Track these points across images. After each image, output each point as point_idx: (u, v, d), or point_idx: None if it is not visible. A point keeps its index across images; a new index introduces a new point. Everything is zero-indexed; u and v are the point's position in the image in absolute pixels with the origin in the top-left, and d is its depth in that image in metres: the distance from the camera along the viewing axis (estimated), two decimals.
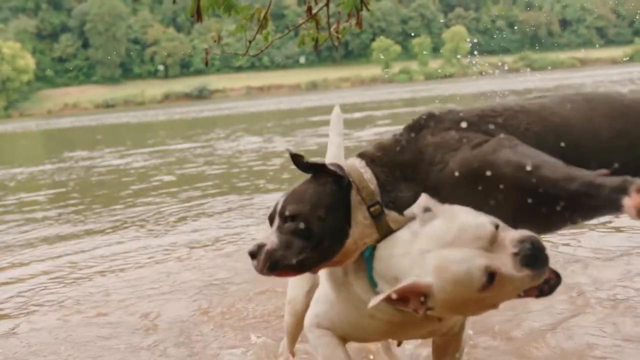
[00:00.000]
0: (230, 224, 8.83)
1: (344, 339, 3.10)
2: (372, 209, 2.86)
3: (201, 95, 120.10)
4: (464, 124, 2.92)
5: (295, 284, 3.61)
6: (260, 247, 2.82)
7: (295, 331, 3.71)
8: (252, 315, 5.14)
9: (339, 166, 2.88)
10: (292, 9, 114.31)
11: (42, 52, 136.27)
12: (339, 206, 2.86)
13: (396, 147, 2.94)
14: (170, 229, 8.86)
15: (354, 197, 2.87)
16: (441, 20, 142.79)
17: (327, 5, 6.56)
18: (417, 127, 2.97)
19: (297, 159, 2.86)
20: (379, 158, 2.94)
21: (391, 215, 2.87)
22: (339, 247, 2.86)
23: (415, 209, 2.69)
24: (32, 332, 5.20)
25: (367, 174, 2.90)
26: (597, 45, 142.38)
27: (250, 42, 6.25)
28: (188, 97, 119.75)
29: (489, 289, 2.47)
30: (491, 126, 2.89)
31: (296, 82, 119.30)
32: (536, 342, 4.11)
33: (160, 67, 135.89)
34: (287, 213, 2.85)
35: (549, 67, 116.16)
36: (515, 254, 2.48)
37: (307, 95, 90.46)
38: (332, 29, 6.60)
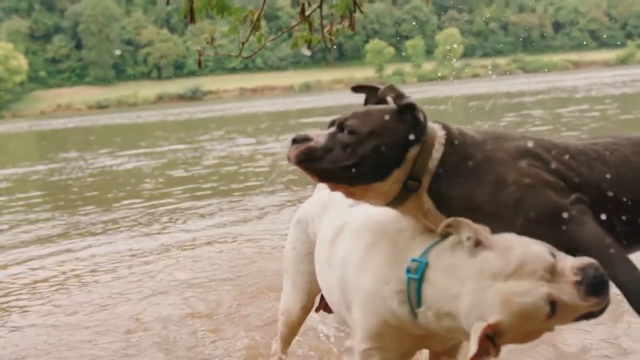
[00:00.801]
0: (222, 225, 8.87)
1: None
2: (409, 182, 2.77)
3: (194, 96, 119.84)
4: (539, 157, 2.79)
5: (290, 295, 3.56)
6: (306, 139, 2.76)
7: (289, 339, 3.71)
8: (242, 315, 5.14)
9: (426, 122, 2.81)
10: (286, 11, 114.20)
11: (35, 52, 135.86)
12: (396, 151, 2.75)
13: (474, 145, 2.82)
14: (162, 230, 8.90)
15: (410, 156, 2.77)
16: (434, 23, 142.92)
17: (320, 7, 6.57)
18: (499, 136, 2.86)
19: (392, 89, 2.87)
20: (457, 145, 2.81)
21: (424, 201, 2.79)
22: (367, 183, 2.75)
23: (463, 236, 2.57)
24: (17, 332, 5.19)
25: (438, 153, 2.78)
26: (590, 48, 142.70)
27: (243, 43, 6.26)
28: (181, 98, 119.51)
29: (553, 318, 2.43)
30: (568, 171, 2.76)
31: (289, 84, 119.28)
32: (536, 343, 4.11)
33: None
34: (346, 123, 2.79)
35: (545, 69, 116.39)
36: (578, 282, 2.43)
37: (301, 96, 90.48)
38: (325, 31, 6.61)
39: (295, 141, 2.76)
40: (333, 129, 2.83)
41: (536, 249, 2.47)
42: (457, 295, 2.52)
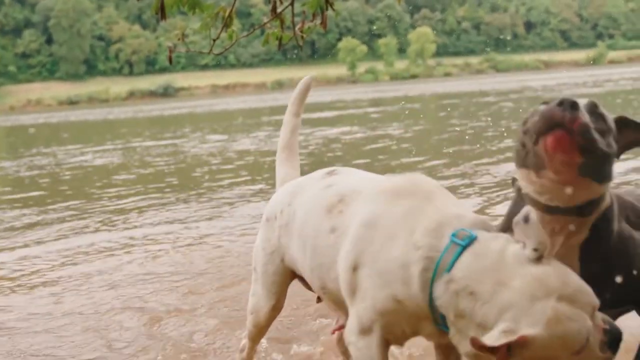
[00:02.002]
0: (190, 220, 8.92)
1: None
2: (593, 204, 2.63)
3: (166, 93, 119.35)
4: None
5: (259, 295, 3.48)
6: (575, 105, 2.44)
7: (257, 338, 3.67)
8: (206, 308, 5.13)
9: None
10: (259, 8, 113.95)
11: (4, 47, 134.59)
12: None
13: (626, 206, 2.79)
14: (129, 225, 8.91)
15: None
16: (407, 21, 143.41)
17: (292, 4, 6.54)
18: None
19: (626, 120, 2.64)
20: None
21: (582, 228, 2.65)
22: (606, 181, 2.56)
23: (532, 244, 2.47)
24: None
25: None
26: (560, 48, 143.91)
27: (214, 40, 6.22)
28: (153, 94, 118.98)
29: (577, 355, 2.39)
30: None
31: (262, 81, 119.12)
32: None
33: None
34: (598, 111, 2.53)
35: (525, 69, 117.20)
36: (606, 331, 2.42)
37: (273, 94, 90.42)
38: (296, 29, 6.59)
39: (572, 107, 2.44)
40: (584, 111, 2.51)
41: (589, 287, 2.45)
42: (498, 282, 2.42)
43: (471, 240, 2.55)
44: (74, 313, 5.38)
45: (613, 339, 2.44)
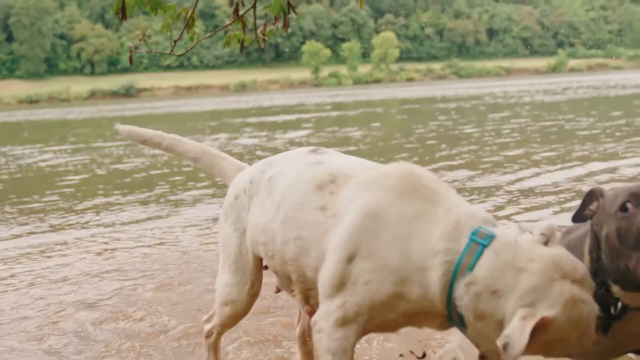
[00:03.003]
0: (146, 220, 8.94)
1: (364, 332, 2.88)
2: None
3: (128, 93, 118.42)
4: None
5: (233, 282, 3.33)
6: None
7: (231, 327, 3.56)
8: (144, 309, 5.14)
9: None
10: (223, 9, 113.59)
11: None
12: None
13: None
14: (80, 225, 8.87)
15: None
16: (371, 26, 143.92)
17: (254, 7, 6.57)
18: None
19: None
20: None
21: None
22: None
23: (539, 230, 2.57)
24: None
25: None
26: (522, 55, 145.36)
27: (175, 41, 6.22)
28: (115, 95, 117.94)
29: (584, 336, 2.48)
30: None
31: (225, 83, 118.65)
32: None
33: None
34: None
35: (486, 75, 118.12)
36: (599, 317, 2.51)
37: (236, 96, 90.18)
38: (258, 31, 6.61)
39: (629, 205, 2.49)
40: None
41: None
42: (518, 270, 2.48)
43: (491, 238, 2.58)
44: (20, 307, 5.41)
45: (602, 322, 2.56)
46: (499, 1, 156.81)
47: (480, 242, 2.57)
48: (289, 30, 6.48)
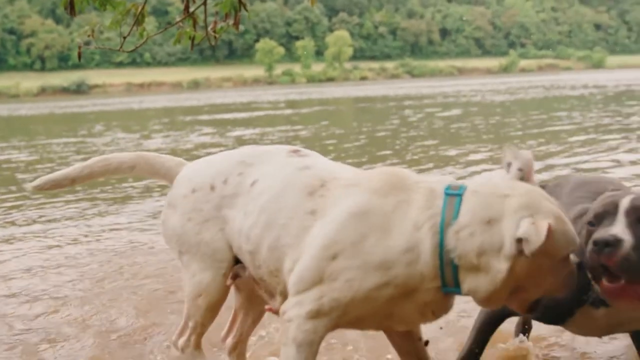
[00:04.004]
0: (91, 216, 9.01)
1: (336, 326, 2.91)
2: None
3: (79, 90, 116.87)
4: None
5: (202, 272, 3.23)
6: (618, 241, 2.64)
7: (207, 325, 3.38)
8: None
9: None
10: (176, 6, 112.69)
11: None
12: None
13: None
14: (28, 220, 8.87)
15: None
16: (325, 24, 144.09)
17: (204, 4, 6.54)
18: None
19: None
20: None
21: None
22: None
23: (516, 165, 2.81)
24: None
25: None
26: (474, 55, 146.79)
27: (124, 37, 6.17)
28: (66, 91, 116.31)
29: (565, 261, 2.69)
30: None
31: (178, 80, 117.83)
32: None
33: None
34: None
35: (439, 75, 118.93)
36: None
37: (189, 93, 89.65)
38: (209, 28, 6.59)
39: (606, 244, 2.64)
40: (625, 220, 2.70)
41: None
42: (504, 195, 2.68)
43: (464, 188, 2.76)
44: None
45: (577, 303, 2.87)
46: (451, 1, 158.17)
47: (455, 193, 2.74)
48: (243, 28, 6.49)
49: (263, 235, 3.02)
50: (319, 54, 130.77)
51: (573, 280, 2.77)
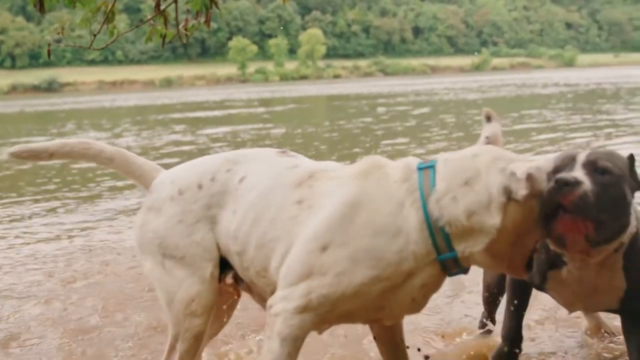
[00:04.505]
0: (56, 219, 8.88)
1: (324, 322, 2.93)
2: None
3: (51, 88, 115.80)
4: None
5: (191, 278, 3.13)
6: (578, 182, 2.81)
7: (202, 336, 3.22)
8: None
9: None
10: (149, 4, 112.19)
11: None
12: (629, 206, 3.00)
13: None
14: None
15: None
16: (298, 22, 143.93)
17: (175, 1, 6.53)
18: None
19: None
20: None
21: (616, 260, 3.13)
22: (620, 233, 3.00)
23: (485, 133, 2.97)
24: None
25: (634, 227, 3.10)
26: (447, 54, 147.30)
27: (95, 35, 6.15)
28: (37, 89, 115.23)
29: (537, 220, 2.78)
30: None
31: (150, 78, 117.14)
32: None
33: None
34: (598, 164, 2.91)
35: (412, 73, 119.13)
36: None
37: (162, 91, 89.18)
38: (180, 26, 6.58)
39: (566, 184, 2.79)
40: (583, 169, 2.91)
41: None
42: (475, 155, 2.81)
43: (434, 162, 2.86)
44: None
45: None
46: (424, 0, 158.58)
47: (427, 165, 2.84)
48: (215, 26, 6.49)
49: (250, 233, 3.01)
50: (292, 52, 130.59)
51: None
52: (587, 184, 2.82)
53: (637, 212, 3.18)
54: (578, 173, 2.86)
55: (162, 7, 6.57)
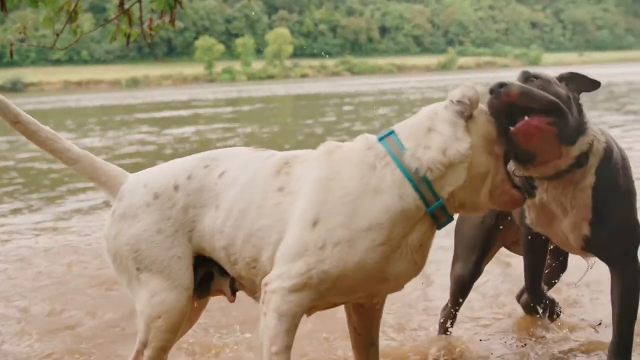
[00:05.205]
0: (20, 219, 8.89)
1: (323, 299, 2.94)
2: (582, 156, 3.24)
3: (15, 88, 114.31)
4: None
5: (167, 291, 3.06)
6: (510, 82, 3.04)
7: (169, 347, 3.18)
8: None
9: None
10: (114, 3, 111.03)
11: None
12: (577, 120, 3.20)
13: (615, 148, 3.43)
14: None
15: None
16: (265, 22, 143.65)
17: (139, 1, 6.52)
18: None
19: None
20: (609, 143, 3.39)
21: (587, 178, 3.28)
22: (569, 143, 3.14)
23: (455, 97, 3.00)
24: None
25: (601, 143, 3.30)
26: (413, 53, 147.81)
27: (58, 35, 6.13)
28: (0, 89, 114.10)
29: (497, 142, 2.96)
30: None
31: (116, 78, 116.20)
32: None
33: None
34: (530, 74, 3.20)
35: (379, 72, 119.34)
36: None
37: (128, 91, 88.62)
38: (144, 26, 6.57)
39: (501, 85, 3.01)
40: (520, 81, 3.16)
41: None
42: (420, 112, 3.04)
43: (391, 130, 3.02)
44: None
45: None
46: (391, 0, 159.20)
47: (387, 133, 3.00)
48: (182, 25, 6.49)
49: (238, 225, 3.00)
50: (259, 51, 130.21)
51: None
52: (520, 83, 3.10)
53: (608, 134, 3.39)
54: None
55: (126, 6, 6.56)
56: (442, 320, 4.20)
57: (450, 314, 4.16)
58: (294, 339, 2.86)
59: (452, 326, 4.18)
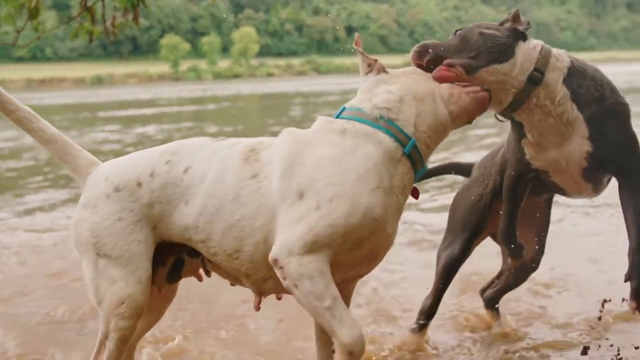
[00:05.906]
0: None
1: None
2: (534, 73, 3.43)
3: None
4: None
5: (126, 276, 3.05)
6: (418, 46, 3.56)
7: (130, 335, 3.16)
8: None
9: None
10: (78, 1, 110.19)
11: None
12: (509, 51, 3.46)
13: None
14: None
15: (524, 49, 3.61)
16: (231, 21, 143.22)
17: None
18: None
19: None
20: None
21: (557, 94, 3.37)
22: (487, 65, 3.34)
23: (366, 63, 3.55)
24: None
25: (563, 55, 3.64)
26: (379, 52, 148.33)
27: (18, 32, 6.10)
28: None
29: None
30: None
31: (80, 76, 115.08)
32: None
33: None
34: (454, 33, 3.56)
35: (345, 72, 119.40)
36: None
37: (93, 90, 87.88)
38: (107, 23, 6.55)
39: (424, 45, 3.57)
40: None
41: None
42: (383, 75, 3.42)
43: (342, 108, 3.28)
44: None
45: None
46: None
47: (339, 111, 3.26)
48: (147, 23, 6.48)
49: (214, 220, 3.00)
50: (225, 50, 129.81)
51: None
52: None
53: (587, 63, 3.57)
54: None
55: (88, 4, 6.53)
56: (423, 307, 4.21)
57: (434, 300, 4.14)
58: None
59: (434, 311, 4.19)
